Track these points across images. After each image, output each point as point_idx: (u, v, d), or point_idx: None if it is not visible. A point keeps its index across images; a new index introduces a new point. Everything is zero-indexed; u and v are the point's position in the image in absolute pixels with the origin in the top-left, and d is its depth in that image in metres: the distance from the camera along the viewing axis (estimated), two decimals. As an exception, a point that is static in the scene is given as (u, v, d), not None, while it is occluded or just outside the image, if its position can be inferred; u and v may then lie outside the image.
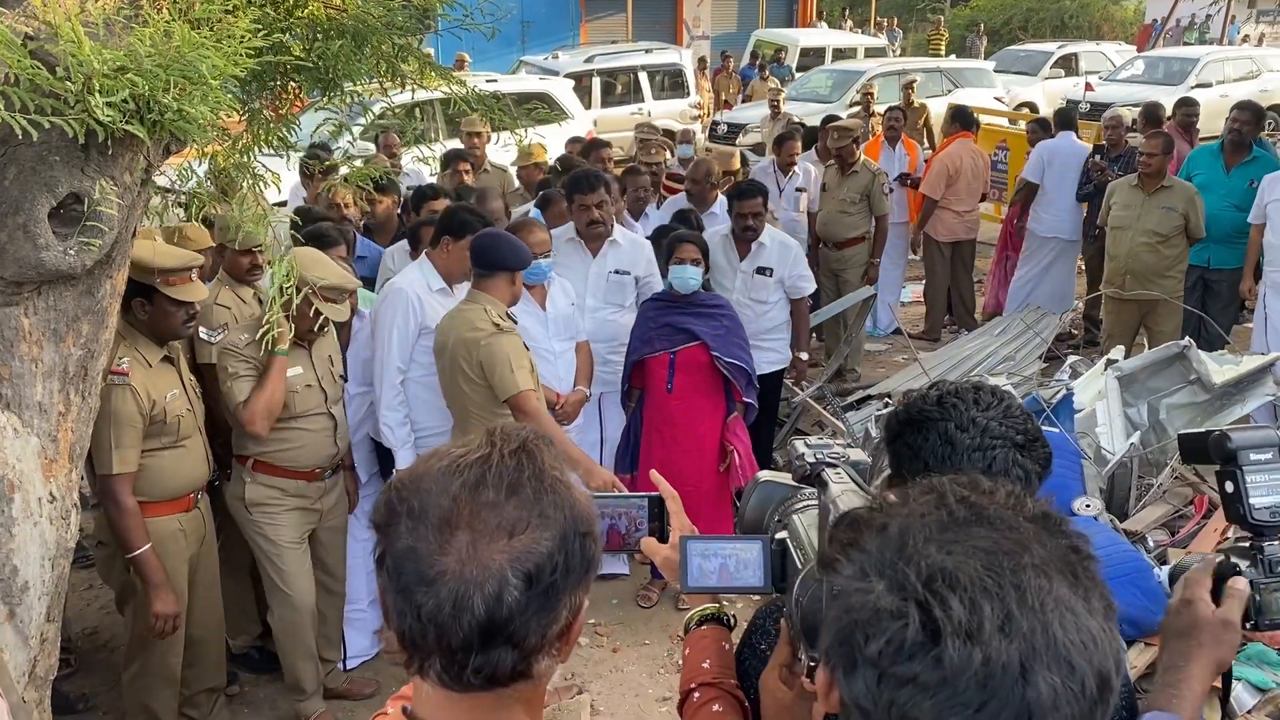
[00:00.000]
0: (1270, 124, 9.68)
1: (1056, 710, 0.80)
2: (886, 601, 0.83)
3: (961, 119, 8.68)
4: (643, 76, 16.15)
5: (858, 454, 1.62)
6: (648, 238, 5.42)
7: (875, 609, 0.84)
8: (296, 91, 3.27)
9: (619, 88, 16.20)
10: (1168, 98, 14.15)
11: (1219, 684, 3.81)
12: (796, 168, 7.72)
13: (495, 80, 11.23)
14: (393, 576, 1.04)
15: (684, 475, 4.43)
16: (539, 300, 4.54)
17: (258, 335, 3.47)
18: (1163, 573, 3.86)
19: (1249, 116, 6.90)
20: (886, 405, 5.83)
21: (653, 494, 1.62)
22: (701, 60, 20.45)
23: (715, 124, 15.12)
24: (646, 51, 17.12)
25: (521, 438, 1.10)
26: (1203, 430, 1.55)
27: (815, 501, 1.47)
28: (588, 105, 15.63)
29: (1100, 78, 17.53)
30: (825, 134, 7.80)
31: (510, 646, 1.03)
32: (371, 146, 7.42)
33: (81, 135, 2.13)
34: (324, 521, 3.94)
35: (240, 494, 3.73)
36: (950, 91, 14.91)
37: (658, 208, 6.47)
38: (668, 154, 7.28)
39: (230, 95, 2.58)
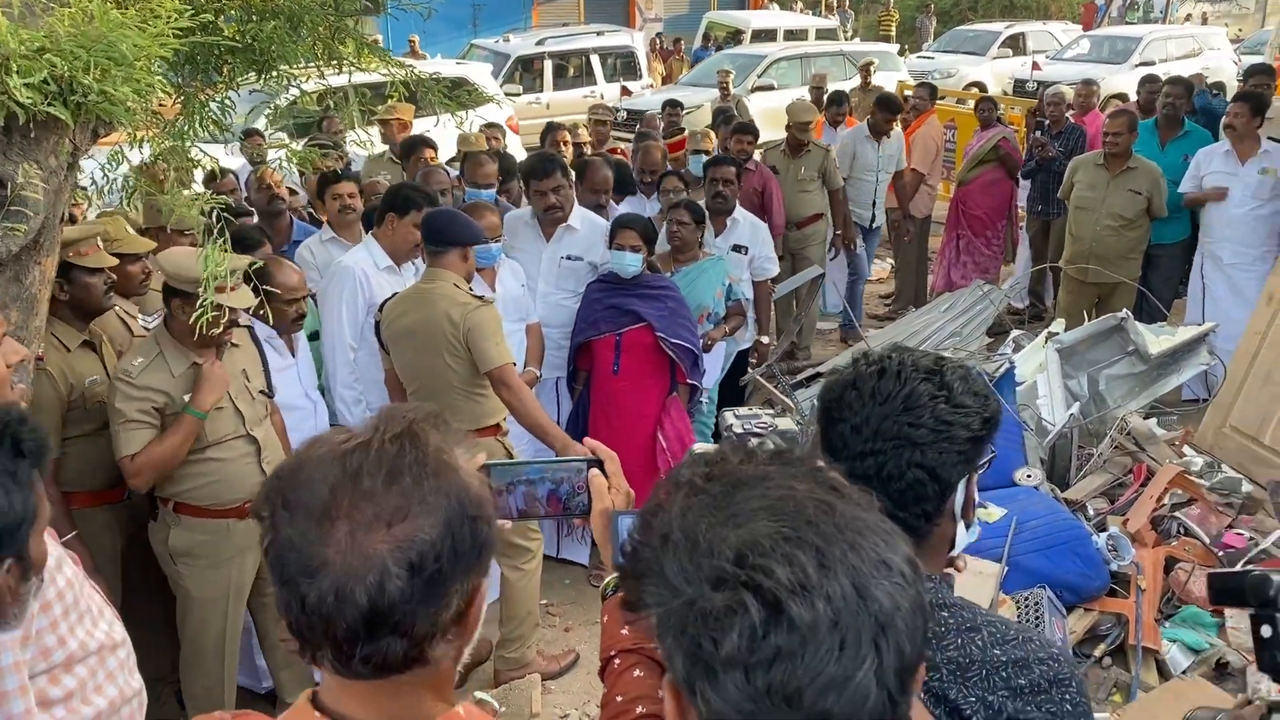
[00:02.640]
0: (1215, 93, 9.77)
1: (898, 609, 0.83)
2: (716, 600, 0.82)
3: (931, 94, 8.85)
4: (594, 59, 16.10)
5: (786, 423, 1.65)
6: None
7: (707, 611, 0.82)
8: (230, 74, 3.22)
9: (571, 70, 16.13)
10: (1113, 76, 14.41)
11: (1157, 646, 3.87)
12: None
13: (411, 65, 10.92)
14: (275, 568, 1.03)
15: (630, 456, 4.44)
16: (489, 282, 4.53)
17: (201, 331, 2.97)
18: (1100, 540, 3.97)
19: (1181, 91, 6.98)
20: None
21: (591, 457, 1.61)
22: (653, 42, 20.42)
23: (614, 110, 14.97)
24: (598, 34, 17.05)
25: (407, 421, 1.08)
26: (1237, 570, 1.38)
27: None
28: (540, 88, 15.54)
29: (1047, 57, 17.77)
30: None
31: (397, 635, 1.02)
32: (283, 135, 7.19)
33: (1, 118, 2.10)
34: None
35: (164, 539, 3.29)
36: (853, 76, 13.79)
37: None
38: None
39: (160, 78, 2.55)
